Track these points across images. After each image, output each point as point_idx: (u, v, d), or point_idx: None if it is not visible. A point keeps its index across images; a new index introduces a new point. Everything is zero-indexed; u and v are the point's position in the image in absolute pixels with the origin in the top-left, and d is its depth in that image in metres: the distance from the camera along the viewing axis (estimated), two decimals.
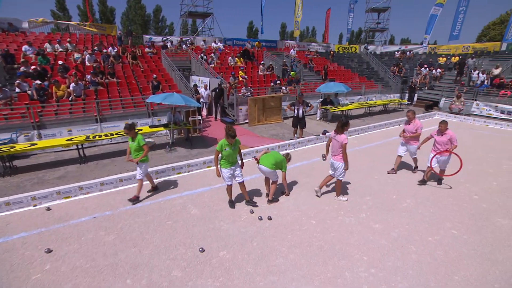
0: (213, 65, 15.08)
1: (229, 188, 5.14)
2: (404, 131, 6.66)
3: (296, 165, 7.31)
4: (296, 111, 9.01)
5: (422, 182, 6.27)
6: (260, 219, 4.80)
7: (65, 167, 7.44)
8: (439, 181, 6.34)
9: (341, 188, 5.52)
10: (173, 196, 5.67)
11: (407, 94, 18.83)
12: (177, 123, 8.87)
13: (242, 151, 7.51)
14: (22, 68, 11.22)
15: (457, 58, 22.20)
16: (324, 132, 9.61)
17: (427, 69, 21.59)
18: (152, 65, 14.24)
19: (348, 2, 29.42)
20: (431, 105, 16.09)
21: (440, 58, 23.77)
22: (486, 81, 17.03)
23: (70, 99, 10.03)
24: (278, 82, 13.68)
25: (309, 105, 9.13)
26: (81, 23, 17.27)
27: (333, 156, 5.25)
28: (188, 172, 6.70)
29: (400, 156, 6.80)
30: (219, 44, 19.01)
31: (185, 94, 11.51)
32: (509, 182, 6.44)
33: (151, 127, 8.78)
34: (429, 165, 6.13)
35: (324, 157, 5.83)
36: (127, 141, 9.55)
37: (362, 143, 9.51)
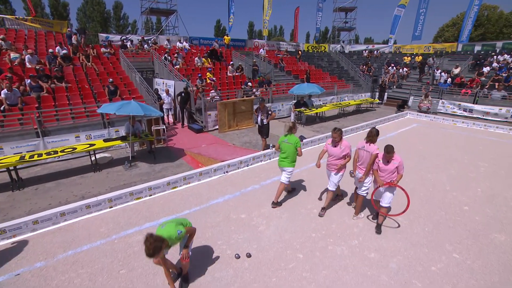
0: (178, 66, 13.88)
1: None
2: (328, 154, 4.92)
3: (273, 180, 6.57)
4: (256, 118, 8.40)
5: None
6: (237, 257, 3.98)
7: None
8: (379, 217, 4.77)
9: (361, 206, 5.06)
10: (130, 230, 4.63)
11: (377, 93, 19.09)
12: (137, 135, 7.71)
13: (212, 166, 6.63)
14: None
15: (420, 57, 23.04)
16: (301, 139, 8.94)
17: (394, 68, 22.15)
18: (109, 67, 12.70)
19: (316, 1, 29.43)
20: (402, 105, 16.32)
21: (405, 58, 24.53)
22: (448, 80, 17.70)
23: (1, 108, 8.39)
24: (249, 84, 12.89)
25: (270, 113, 8.23)
26: (20, 17, 15.03)
27: (360, 168, 4.74)
28: (150, 196, 5.66)
29: (332, 191, 5.05)
30: (184, 43, 17.71)
31: (147, 99, 10.35)
32: (491, 188, 6.25)
33: (105, 140, 7.52)
34: (370, 198, 4.85)
35: (352, 174, 4.99)
36: (78, 157, 8.23)
37: None
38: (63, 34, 15.53)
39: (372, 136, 4.57)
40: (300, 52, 23.28)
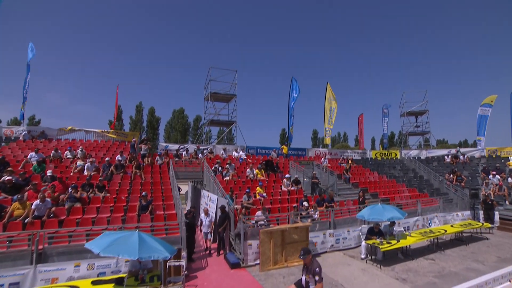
0: (228, 178, 12.74)
1: None
2: None
3: None
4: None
5: None
6: None
7: None
8: None
9: None
10: None
11: (481, 212, 14.10)
12: (138, 277, 5.61)
13: None
14: (2, 179, 9.72)
15: None
16: None
17: (498, 176, 16.92)
18: (157, 177, 12.28)
19: (381, 107, 28.39)
20: None
21: (511, 162, 19.39)
22: None
23: (25, 221, 7.66)
24: (305, 203, 10.47)
25: (317, 280, 4.88)
26: (105, 130, 17.25)
27: None
28: None
29: None
30: (241, 153, 17.35)
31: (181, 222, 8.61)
32: None
33: (94, 283, 5.56)
34: None
35: None
36: None
37: None
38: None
39: None
40: (350, 161, 20.42)
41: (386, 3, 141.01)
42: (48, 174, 10.27)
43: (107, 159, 12.20)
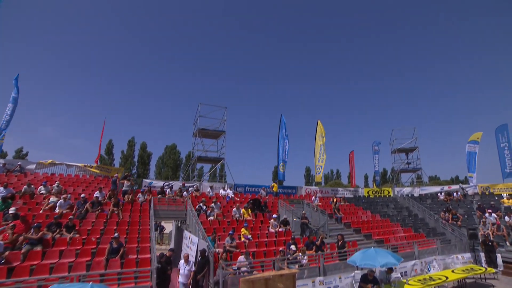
0: (212, 218, 11.92)
1: None
2: None
3: None
4: None
5: None
6: None
7: None
8: None
9: None
10: None
11: (482, 254, 13.21)
12: None
13: None
14: None
15: None
16: None
17: (494, 215, 16.20)
18: (135, 216, 11.40)
19: (371, 144, 28.42)
20: None
21: (505, 200, 18.88)
22: None
23: None
24: (293, 246, 9.62)
25: None
26: (88, 165, 16.54)
27: None
28: None
29: None
30: (228, 191, 16.60)
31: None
32: None
33: None
34: None
35: None
36: None
37: None
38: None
39: None
40: (336, 200, 19.46)
41: (375, 41, 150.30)
42: (11, 211, 9.35)
43: (82, 195, 11.37)
